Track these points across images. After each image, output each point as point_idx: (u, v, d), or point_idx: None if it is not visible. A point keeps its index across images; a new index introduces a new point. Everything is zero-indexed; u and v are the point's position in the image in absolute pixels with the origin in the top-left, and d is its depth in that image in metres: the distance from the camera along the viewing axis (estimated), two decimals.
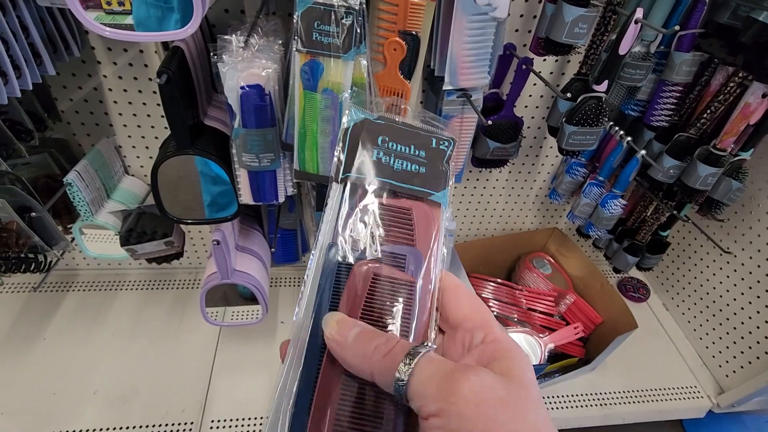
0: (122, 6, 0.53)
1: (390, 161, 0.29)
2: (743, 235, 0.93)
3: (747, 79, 0.65)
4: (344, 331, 0.23)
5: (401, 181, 0.29)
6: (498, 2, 0.55)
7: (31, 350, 0.90)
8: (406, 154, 0.29)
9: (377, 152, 0.29)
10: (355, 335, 0.23)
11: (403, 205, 0.28)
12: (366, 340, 0.23)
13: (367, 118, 0.30)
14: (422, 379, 0.20)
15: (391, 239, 0.27)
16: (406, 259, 0.27)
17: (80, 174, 0.71)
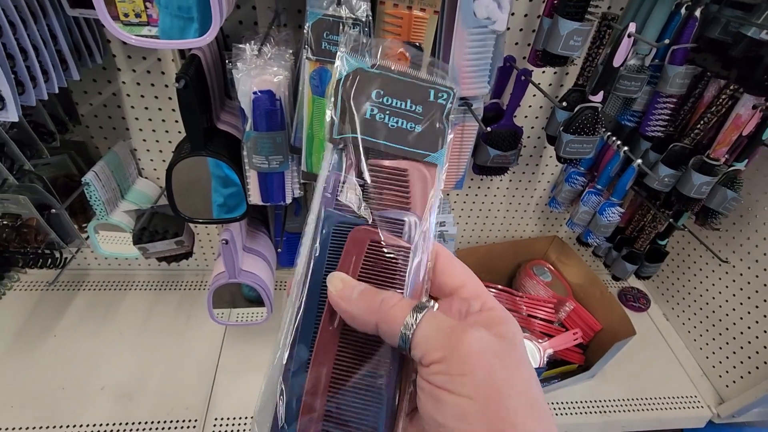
0: (139, 18, 0.56)
1: (385, 119, 0.27)
2: (741, 246, 0.94)
3: (738, 91, 0.68)
4: (349, 288, 0.25)
5: (396, 141, 0.27)
6: (497, 16, 0.58)
7: (42, 346, 0.92)
8: (401, 110, 0.27)
9: (371, 108, 0.27)
10: (360, 291, 0.24)
11: (399, 165, 0.27)
12: (372, 294, 0.24)
13: (360, 68, 0.27)
14: (428, 331, 0.22)
15: (387, 203, 0.27)
16: (404, 224, 0.27)
17: (97, 174, 0.74)
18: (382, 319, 0.23)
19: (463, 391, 0.20)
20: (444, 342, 0.21)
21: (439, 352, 0.21)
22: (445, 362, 0.21)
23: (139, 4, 0.56)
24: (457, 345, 0.21)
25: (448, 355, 0.21)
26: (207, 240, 1.05)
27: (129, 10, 0.56)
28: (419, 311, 0.23)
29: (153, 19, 0.57)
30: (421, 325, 0.22)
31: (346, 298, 0.24)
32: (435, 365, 0.21)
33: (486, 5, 0.57)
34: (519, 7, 0.74)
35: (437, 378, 0.21)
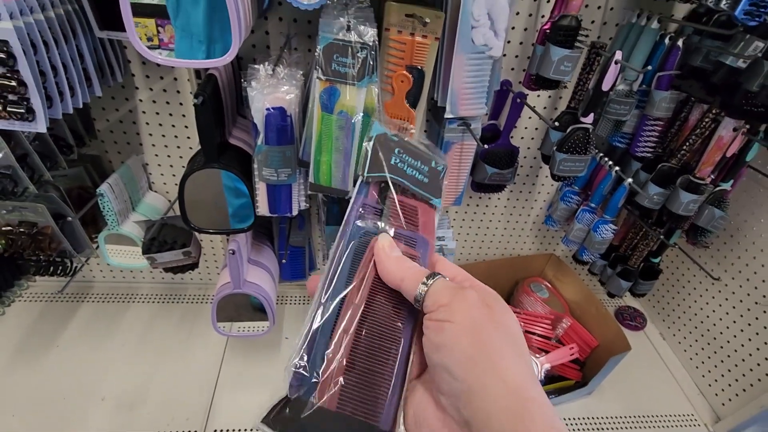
0: (151, 41, 0.61)
1: (404, 167, 0.37)
2: (732, 264, 0.97)
3: (720, 115, 0.72)
4: (392, 246, 0.33)
5: (411, 184, 0.37)
6: (493, 43, 0.63)
7: (45, 356, 0.93)
8: (415, 165, 0.37)
9: (394, 159, 0.37)
10: (398, 253, 0.33)
11: (411, 202, 0.37)
12: (405, 258, 0.33)
13: (386, 133, 0.37)
14: (439, 287, 0.30)
15: (403, 225, 0.35)
16: (416, 241, 0.35)
17: (111, 186, 0.77)
18: (407, 276, 0.31)
19: (460, 321, 0.28)
20: (450, 293, 0.29)
21: (446, 298, 0.29)
22: (449, 304, 0.28)
23: (151, 28, 0.60)
24: (458, 294, 0.29)
25: (452, 300, 0.28)
26: (211, 254, 1.07)
27: (142, 35, 0.60)
28: (433, 276, 0.30)
29: (164, 42, 0.61)
30: (435, 284, 0.30)
31: (388, 253, 0.32)
32: (442, 308, 0.28)
33: (483, 33, 0.62)
34: (514, 35, 0.79)
35: (443, 314, 0.28)
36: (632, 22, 0.73)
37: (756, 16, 0.54)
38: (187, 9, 0.57)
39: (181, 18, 0.58)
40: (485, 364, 0.26)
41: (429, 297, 0.29)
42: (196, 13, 0.56)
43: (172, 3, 0.58)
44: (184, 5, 0.57)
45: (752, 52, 0.62)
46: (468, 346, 0.27)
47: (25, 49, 0.52)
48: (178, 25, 0.58)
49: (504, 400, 0.25)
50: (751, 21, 0.54)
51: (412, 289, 0.30)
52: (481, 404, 0.26)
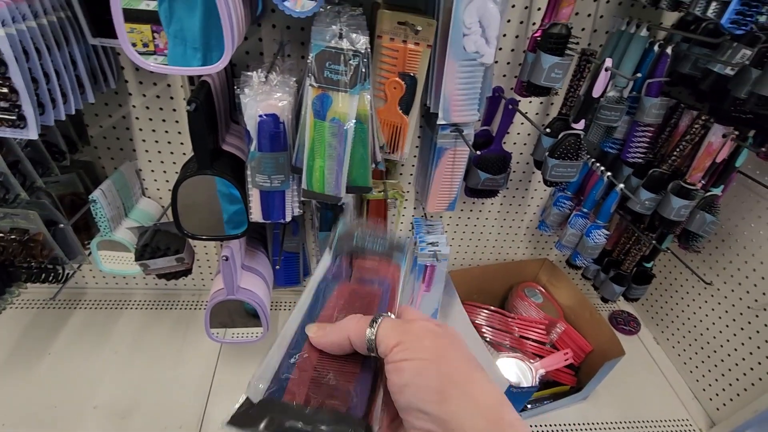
0: (146, 47, 0.61)
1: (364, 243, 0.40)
2: (724, 269, 0.97)
3: (709, 121, 0.73)
4: (322, 327, 0.32)
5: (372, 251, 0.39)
6: (485, 50, 0.64)
7: (36, 364, 0.92)
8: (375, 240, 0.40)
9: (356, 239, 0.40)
10: (332, 326, 0.32)
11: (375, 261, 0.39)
12: (341, 323, 0.32)
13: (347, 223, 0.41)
14: (385, 330, 0.29)
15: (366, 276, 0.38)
16: (377, 282, 0.37)
17: (104, 192, 0.77)
18: (352, 333, 0.30)
19: (417, 356, 0.27)
20: (399, 332, 0.29)
21: (396, 338, 0.28)
22: (402, 343, 0.28)
23: (147, 34, 0.60)
24: (408, 330, 0.29)
25: (403, 338, 0.28)
26: (205, 260, 1.07)
27: (137, 40, 0.60)
28: (377, 320, 0.30)
29: (159, 48, 0.61)
30: (381, 326, 0.29)
31: (322, 335, 0.31)
32: (395, 348, 0.28)
33: (474, 40, 0.62)
34: (506, 43, 0.80)
35: (398, 355, 0.28)
36: (622, 30, 0.74)
37: (742, 24, 0.54)
38: (181, 16, 0.58)
39: (174, 25, 0.58)
40: (456, 394, 0.26)
41: (380, 343, 0.29)
42: (192, 21, 0.56)
43: (164, 10, 0.58)
44: (178, 12, 0.58)
45: (740, 60, 0.63)
46: (435, 380, 0.26)
47: (17, 57, 0.52)
48: (171, 32, 0.59)
49: (479, 425, 0.25)
50: (737, 29, 0.55)
51: (362, 342, 0.29)
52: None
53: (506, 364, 0.94)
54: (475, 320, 1.05)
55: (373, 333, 0.29)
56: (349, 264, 0.37)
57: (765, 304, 0.89)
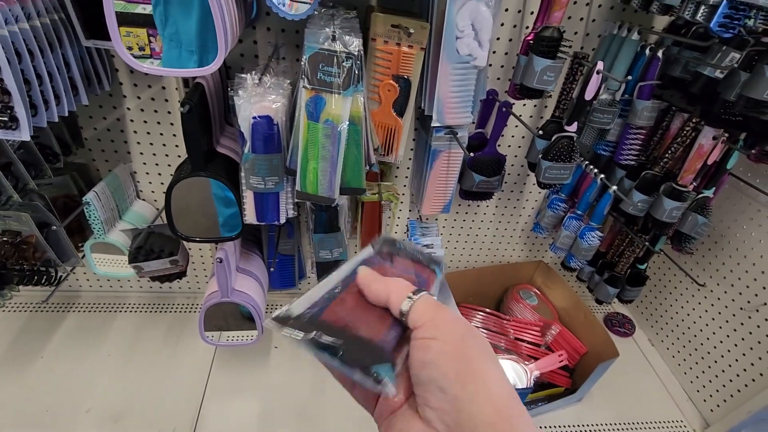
0: (142, 51, 0.61)
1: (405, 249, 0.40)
2: (717, 271, 0.98)
3: (699, 123, 0.74)
4: (374, 273, 0.34)
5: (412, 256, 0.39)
6: (478, 53, 0.64)
7: (29, 368, 0.91)
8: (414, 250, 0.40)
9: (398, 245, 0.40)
10: (380, 278, 0.34)
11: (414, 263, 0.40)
12: (388, 279, 0.33)
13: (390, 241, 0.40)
14: (422, 305, 0.31)
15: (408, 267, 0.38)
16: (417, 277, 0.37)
17: (98, 195, 0.77)
18: (393, 291, 0.32)
19: (444, 338, 0.29)
20: (434, 312, 0.30)
21: (431, 314, 0.30)
22: (433, 323, 0.30)
23: (143, 38, 0.60)
24: (441, 314, 0.30)
25: (436, 319, 0.30)
26: (200, 263, 1.06)
27: (133, 44, 0.60)
28: (418, 293, 0.32)
29: (156, 52, 0.61)
30: (419, 301, 0.31)
31: (371, 277, 0.33)
32: (427, 324, 0.30)
33: (467, 44, 0.63)
34: (499, 46, 0.80)
35: (427, 332, 0.29)
36: (614, 34, 0.75)
37: (730, 28, 0.55)
38: (177, 19, 0.58)
39: (169, 28, 0.58)
40: (474, 380, 0.28)
41: (414, 312, 0.30)
42: (188, 24, 0.57)
43: (159, 14, 0.58)
44: (174, 16, 0.58)
45: (729, 63, 0.64)
46: (454, 361, 0.28)
47: (9, 58, 0.52)
48: (167, 35, 0.59)
49: (490, 412, 0.27)
50: (725, 33, 0.56)
51: (398, 302, 0.31)
52: (469, 415, 0.27)
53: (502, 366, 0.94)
54: (470, 322, 1.04)
55: (410, 304, 0.31)
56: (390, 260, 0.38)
57: (757, 305, 0.89)
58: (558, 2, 0.64)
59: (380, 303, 0.32)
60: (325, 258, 0.81)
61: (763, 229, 0.87)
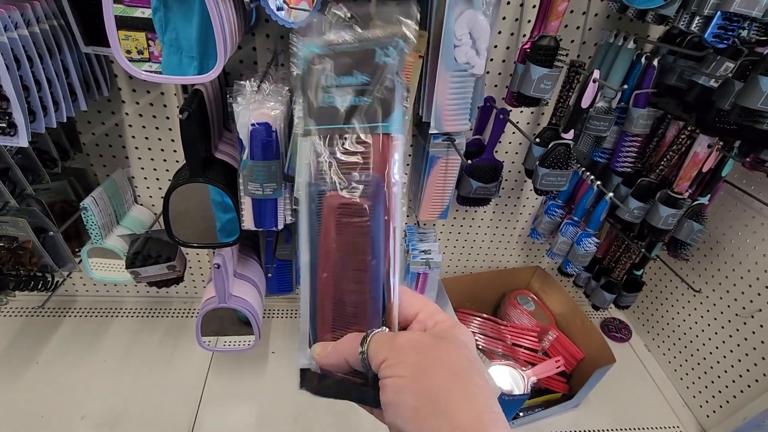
0: (141, 54, 0.61)
1: (335, 102, 0.29)
2: (713, 277, 0.99)
3: (695, 131, 0.74)
4: (324, 348, 0.32)
5: (354, 120, 0.29)
6: (475, 61, 0.65)
7: (24, 374, 0.91)
8: (350, 86, 0.29)
9: (323, 96, 0.29)
10: (332, 346, 0.31)
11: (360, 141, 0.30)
12: (338, 344, 0.31)
13: (312, 52, 0.29)
14: (375, 345, 0.29)
15: (353, 170, 0.30)
16: (369, 182, 0.30)
17: (95, 200, 0.77)
18: (347, 354, 0.30)
19: (398, 373, 0.27)
20: (386, 348, 0.28)
21: (383, 354, 0.28)
22: (388, 360, 0.27)
23: (142, 42, 0.60)
24: (393, 346, 0.28)
25: (388, 354, 0.28)
26: (197, 267, 1.06)
27: (132, 48, 0.60)
28: (367, 337, 0.29)
29: (154, 56, 0.61)
30: (371, 345, 0.29)
31: (325, 356, 0.31)
32: (383, 365, 0.28)
33: (465, 51, 0.63)
34: (497, 54, 0.81)
35: (385, 372, 0.27)
36: (610, 42, 0.76)
37: (724, 38, 0.56)
38: (177, 25, 0.58)
39: (169, 33, 0.59)
40: (432, 413, 0.25)
41: (371, 360, 0.28)
42: (188, 30, 0.57)
43: (159, 19, 0.58)
44: (173, 21, 0.58)
45: (723, 73, 0.64)
46: (412, 399, 0.26)
47: (8, 64, 0.52)
48: (167, 40, 0.59)
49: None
50: (719, 43, 0.57)
51: (356, 360, 0.29)
52: None
53: (499, 371, 0.94)
54: (468, 328, 1.05)
55: (364, 352, 0.29)
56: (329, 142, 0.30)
57: (752, 311, 0.90)
58: (555, 12, 0.65)
59: (345, 368, 0.31)
60: None
61: (758, 236, 0.88)
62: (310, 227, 0.31)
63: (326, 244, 0.31)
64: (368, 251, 0.30)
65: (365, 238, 0.30)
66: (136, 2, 0.57)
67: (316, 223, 0.31)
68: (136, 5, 0.58)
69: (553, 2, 0.64)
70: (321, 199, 0.30)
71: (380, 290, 0.31)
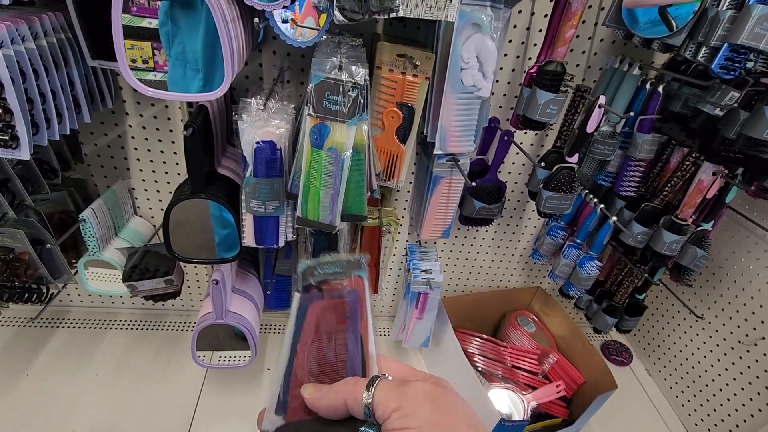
0: (146, 63, 0.61)
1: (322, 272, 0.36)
2: (715, 302, 0.98)
3: (699, 158, 0.74)
4: (318, 389, 0.31)
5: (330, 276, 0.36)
6: (482, 84, 0.65)
7: (13, 386, 0.89)
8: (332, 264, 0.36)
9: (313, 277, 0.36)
10: (328, 388, 0.31)
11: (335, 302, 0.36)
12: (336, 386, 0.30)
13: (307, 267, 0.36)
14: (382, 392, 0.28)
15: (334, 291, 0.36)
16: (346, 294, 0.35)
17: (95, 212, 0.76)
18: (348, 397, 0.29)
19: (415, 423, 0.26)
20: (396, 395, 0.28)
21: (394, 403, 0.27)
22: (400, 408, 0.27)
23: (147, 51, 0.60)
24: (405, 393, 0.27)
25: (401, 402, 0.27)
26: (194, 281, 1.05)
27: (137, 56, 0.60)
28: (372, 383, 0.29)
29: (159, 65, 0.61)
30: (378, 390, 0.28)
31: (318, 398, 0.30)
32: (394, 414, 0.27)
33: (472, 74, 0.63)
34: (502, 75, 0.81)
35: (396, 422, 0.27)
36: (615, 68, 0.76)
37: (732, 70, 0.56)
38: (183, 38, 0.58)
39: (176, 47, 0.59)
40: None
41: (377, 407, 0.28)
42: (194, 43, 0.57)
43: (165, 33, 0.58)
44: (181, 35, 0.58)
45: (728, 102, 0.65)
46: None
47: (14, 78, 0.51)
48: (173, 54, 0.59)
49: None
50: (726, 74, 0.57)
51: (358, 407, 0.28)
52: None
53: (498, 395, 0.92)
54: (467, 348, 1.03)
55: (370, 397, 0.28)
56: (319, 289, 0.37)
57: (756, 339, 0.89)
58: (562, 38, 0.65)
59: (339, 412, 0.30)
60: None
61: (761, 263, 0.88)
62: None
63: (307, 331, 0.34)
64: (345, 323, 0.34)
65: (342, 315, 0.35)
66: (143, 12, 0.58)
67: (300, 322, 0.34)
68: (143, 15, 0.58)
69: (561, 29, 0.65)
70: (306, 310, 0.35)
71: (358, 350, 0.33)
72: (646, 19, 0.62)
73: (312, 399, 0.31)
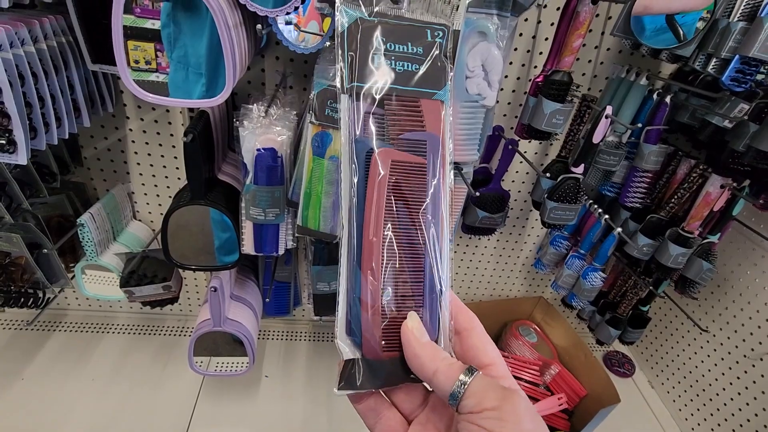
0: (149, 65, 0.60)
1: (391, 63, 0.29)
2: (720, 315, 0.96)
3: (707, 171, 0.73)
4: (420, 331, 0.29)
5: (404, 84, 0.29)
6: (487, 93, 0.64)
7: (7, 390, 0.88)
8: (404, 53, 0.29)
9: (376, 56, 0.29)
10: (427, 340, 0.29)
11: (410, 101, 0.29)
12: (436, 348, 0.29)
13: (360, 17, 0.29)
14: (481, 386, 0.27)
15: (405, 128, 0.29)
16: (425, 142, 0.29)
17: (93, 216, 0.75)
18: (441, 370, 0.27)
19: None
20: (499, 396, 0.26)
21: (493, 402, 0.26)
22: (499, 410, 0.25)
23: (150, 52, 0.60)
24: (509, 400, 0.26)
25: (502, 405, 0.26)
26: (193, 285, 1.04)
27: (140, 58, 0.59)
28: (471, 372, 0.27)
29: (162, 67, 0.61)
30: (475, 382, 0.27)
31: (418, 340, 0.29)
32: (489, 412, 0.26)
33: (477, 83, 0.62)
34: (508, 84, 0.80)
35: (490, 422, 0.25)
36: (621, 77, 0.75)
37: (742, 82, 0.55)
38: (186, 42, 0.57)
39: (178, 50, 0.58)
40: None
41: (470, 397, 0.26)
42: (197, 47, 0.56)
43: (167, 35, 0.57)
44: (183, 38, 0.57)
45: (738, 114, 0.63)
46: None
47: (12, 81, 0.50)
48: (175, 57, 0.58)
49: None
50: (737, 87, 0.56)
51: (447, 385, 0.27)
52: None
53: None
54: None
55: (465, 384, 0.26)
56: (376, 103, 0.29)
57: (761, 353, 0.88)
58: (569, 48, 0.64)
59: (424, 377, 0.28)
60: (322, 290, 0.79)
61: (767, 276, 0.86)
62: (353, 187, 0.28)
63: (378, 203, 0.28)
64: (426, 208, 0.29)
65: (422, 196, 0.29)
66: (146, 14, 0.57)
67: (362, 183, 0.28)
68: (146, 17, 0.57)
69: (568, 38, 0.64)
70: (369, 157, 0.28)
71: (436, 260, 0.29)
72: (653, 27, 0.61)
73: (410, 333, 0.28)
